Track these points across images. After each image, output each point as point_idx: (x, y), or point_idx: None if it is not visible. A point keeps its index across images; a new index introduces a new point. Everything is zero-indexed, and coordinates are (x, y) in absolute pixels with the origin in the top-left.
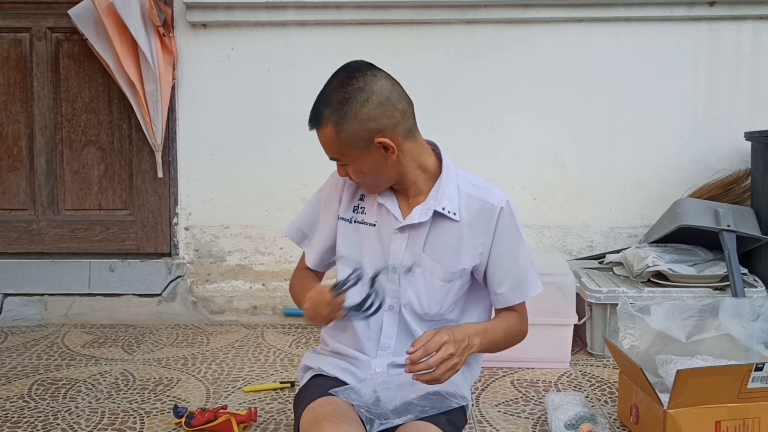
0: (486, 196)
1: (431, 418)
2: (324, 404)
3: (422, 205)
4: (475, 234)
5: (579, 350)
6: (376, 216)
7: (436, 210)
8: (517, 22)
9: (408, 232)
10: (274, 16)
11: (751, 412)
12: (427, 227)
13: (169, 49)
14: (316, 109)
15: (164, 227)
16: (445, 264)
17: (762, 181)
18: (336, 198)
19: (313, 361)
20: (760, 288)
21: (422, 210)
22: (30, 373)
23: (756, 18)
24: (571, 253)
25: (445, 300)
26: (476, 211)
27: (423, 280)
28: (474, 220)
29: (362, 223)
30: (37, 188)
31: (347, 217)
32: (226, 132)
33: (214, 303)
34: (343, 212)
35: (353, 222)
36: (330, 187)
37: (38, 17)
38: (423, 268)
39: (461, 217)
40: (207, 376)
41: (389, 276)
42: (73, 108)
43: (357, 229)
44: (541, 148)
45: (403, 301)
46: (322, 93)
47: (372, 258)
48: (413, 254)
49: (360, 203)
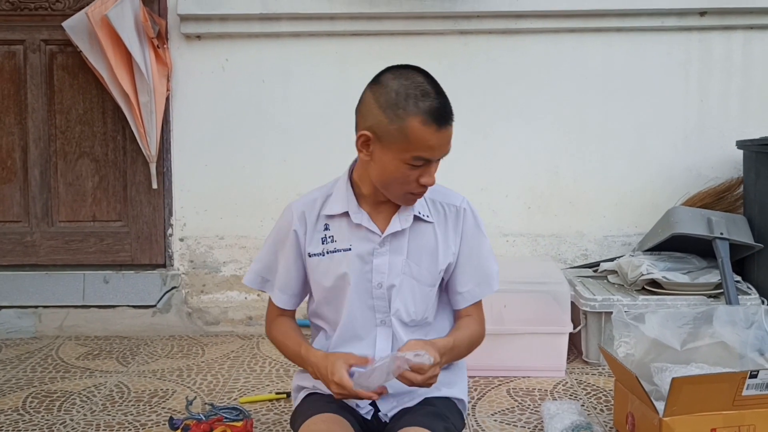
0: (447, 199)
1: (429, 423)
2: (319, 422)
3: (399, 213)
4: (446, 235)
5: (574, 358)
6: (349, 239)
7: (414, 215)
8: (510, 33)
9: (388, 245)
10: (268, 27)
11: (747, 420)
12: (406, 235)
13: (163, 61)
14: (447, 106)
15: (159, 238)
16: (428, 268)
17: (754, 189)
18: (292, 238)
19: (306, 380)
20: (754, 295)
21: (401, 218)
22: (24, 385)
23: (746, 28)
24: (566, 261)
25: (428, 303)
26: (442, 214)
27: (409, 288)
28: (442, 221)
29: (335, 251)
30: (31, 200)
31: (317, 252)
32: (220, 143)
33: (209, 314)
34: (312, 248)
35: (326, 254)
36: (282, 229)
37: (32, 29)
38: (409, 275)
39: (434, 219)
40: (202, 387)
41: (375, 293)
42: (67, 120)
43: (332, 258)
44: (534, 157)
45: (392, 311)
46: (440, 90)
47: (354, 282)
48: (397, 265)
49: (326, 233)
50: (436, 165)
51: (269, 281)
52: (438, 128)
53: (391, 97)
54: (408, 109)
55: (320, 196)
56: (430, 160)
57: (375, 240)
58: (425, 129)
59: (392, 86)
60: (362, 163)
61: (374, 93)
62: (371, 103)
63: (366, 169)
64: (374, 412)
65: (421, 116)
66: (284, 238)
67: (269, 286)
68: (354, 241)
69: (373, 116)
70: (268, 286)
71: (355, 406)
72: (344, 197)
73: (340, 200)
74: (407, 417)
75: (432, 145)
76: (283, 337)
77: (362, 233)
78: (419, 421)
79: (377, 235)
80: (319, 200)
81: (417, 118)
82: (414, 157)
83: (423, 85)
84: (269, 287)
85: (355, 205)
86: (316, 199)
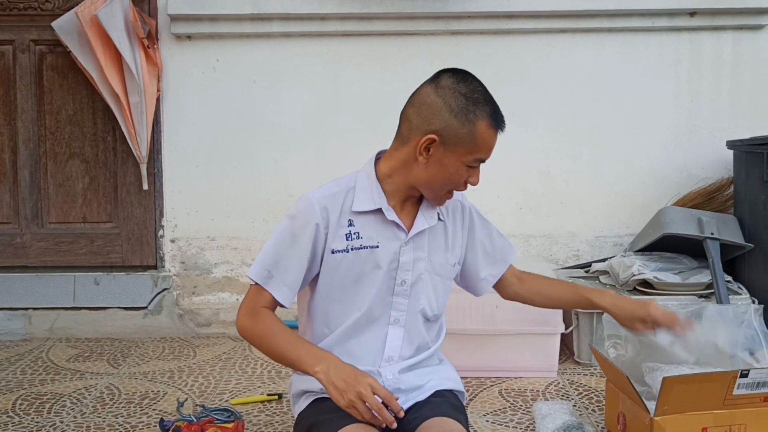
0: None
1: (454, 414)
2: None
3: (424, 212)
4: (455, 230)
5: (566, 359)
6: (377, 237)
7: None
8: (501, 33)
9: (412, 242)
10: (259, 27)
11: (737, 419)
12: (427, 233)
13: (153, 61)
14: (498, 106)
15: (150, 240)
16: (445, 262)
17: (744, 189)
18: (311, 231)
19: (310, 384)
20: (744, 295)
21: (426, 216)
22: (14, 387)
23: (736, 28)
24: (558, 262)
25: (445, 298)
26: (450, 210)
27: (432, 284)
28: (450, 218)
29: (362, 248)
30: (20, 201)
31: (341, 248)
32: (211, 143)
33: (200, 315)
34: (336, 245)
35: (350, 250)
36: (300, 221)
37: (21, 30)
38: (431, 272)
39: (443, 216)
40: (194, 389)
41: (397, 290)
42: (57, 120)
43: (357, 255)
44: (526, 157)
45: (417, 308)
46: (486, 93)
47: (379, 279)
48: (420, 261)
49: (351, 229)
50: None
51: (274, 278)
52: (498, 131)
53: (461, 102)
54: (477, 113)
55: (340, 190)
56: (480, 162)
57: (402, 238)
58: (491, 132)
59: (460, 90)
60: (404, 163)
61: (441, 96)
62: (439, 107)
63: (410, 168)
64: None
65: (488, 120)
66: (301, 230)
67: (273, 283)
68: (381, 238)
69: (443, 119)
70: (272, 283)
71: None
72: (374, 193)
73: (369, 196)
74: (428, 408)
75: (491, 147)
76: (273, 332)
77: (390, 231)
78: (445, 412)
79: (404, 233)
80: (340, 195)
81: (485, 122)
82: (476, 159)
83: (483, 90)
84: (273, 284)
85: (386, 202)
86: (337, 194)
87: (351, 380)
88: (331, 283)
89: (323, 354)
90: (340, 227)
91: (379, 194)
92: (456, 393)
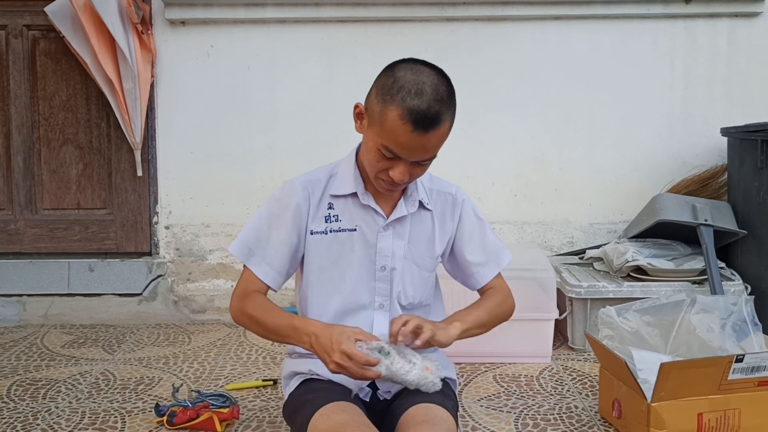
0: (443, 187)
1: (439, 400)
2: (339, 412)
3: (404, 199)
4: (443, 222)
5: (560, 345)
6: (355, 220)
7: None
8: (497, 20)
9: (392, 229)
10: (254, 13)
11: (732, 404)
12: (409, 220)
13: (147, 47)
14: (432, 109)
15: (144, 226)
16: (427, 253)
17: (738, 176)
18: (293, 211)
19: (300, 365)
20: (737, 281)
21: (407, 203)
22: (9, 373)
23: (731, 15)
24: (552, 249)
25: (426, 288)
26: (440, 202)
27: (409, 273)
28: (440, 209)
29: (340, 231)
30: (14, 187)
31: (320, 230)
32: (206, 130)
33: (195, 302)
34: (315, 226)
35: (329, 232)
36: (283, 202)
37: (14, 14)
38: (410, 260)
39: (432, 207)
40: (189, 374)
41: (378, 275)
42: (50, 106)
43: (335, 237)
44: (520, 144)
45: (394, 294)
46: (441, 99)
47: (357, 263)
48: (400, 249)
49: (330, 212)
50: (416, 167)
51: (255, 255)
52: (413, 130)
53: (389, 82)
54: (395, 98)
55: (323, 176)
56: (400, 158)
57: (380, 223)
58: (400, 124)
59: (397, 74)
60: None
61: (382, 73)
62: (375, 82)
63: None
64: (371, 394)
65: (401, 110)
66: (283, 211)
67: (254, 260)
68: (360, 222)
69: (371, 94)
70: (253, 260)
71: (357, 390)
72: (352, 178)
73: (348, 181)
74: (415, 394)
75: (402, 143)
76: (264, 310)
77: (369, 215)
78: (432, 398)
79: (383, 218)
80: (323, 179)
81: (397, 111)
82: (384, 146)
83: (424, 86)
84: (254, 261)
85: (363, 187)
86: (320, 179)
87: (329, 350)
88: (312, 265)
89: (310, 326)
90: (320, 210)
91: (357, 179)
92: (447, 380)
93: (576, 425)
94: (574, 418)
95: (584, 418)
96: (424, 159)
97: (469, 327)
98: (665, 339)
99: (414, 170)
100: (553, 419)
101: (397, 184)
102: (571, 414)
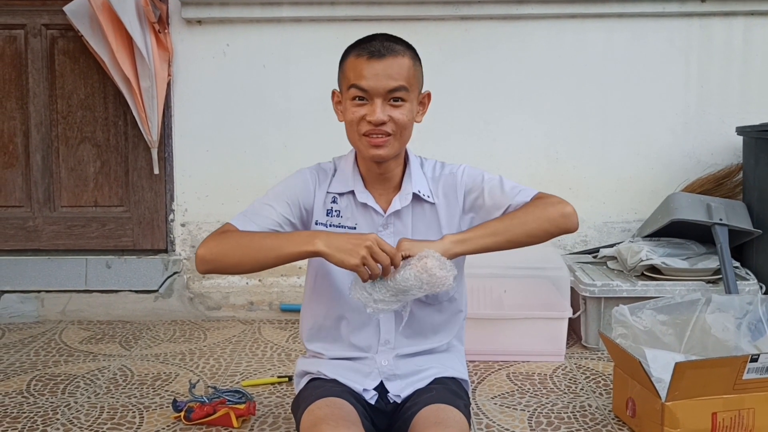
0: (446, 170)
1: (451, 401)
2: (323, 407)
3: (399, 194)
4: (451, 208)
5: (574, 343)
6: (355, 218)
7: (414, 193)
8: (511, 18)
9: (392, 226)
10: (269, 12)
11: (746, 403)
12: (409, 215)
13: (164, 46)
14: (383, 41)
15: (160, 223)
16: None
17: (753, 176)
18: (302, 189)
19: (310, 365)
20: (752, 281)
21: (401, 197)
22: (28, 369)
23: (747, 14)
24: (566, 247)
25: None
26: (444, 188)
27: None
28: (445, 198)
29: (340, 227)
30: (33, 185)
31: (322, 221)
32: (221, 128)
33: (210, 299)
34: (319, 216)
35: (330, 226)
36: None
37: (33, 14)
38: None
39: (437, 199)
40: (205, 371)
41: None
42: (68, 105)
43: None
44: (534, 143)
45: None
46: (388, 37)
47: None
48: None
49: (333, 206)
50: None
51: (244, 216)
52: (369, 58)
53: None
54: (349, 51)
55: (329, 169)
56: (367, 91)
57: (378, 221)
58: (357, 60)
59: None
60: None
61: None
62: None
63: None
64: (378, 397)
65: (355, 51)
66: (291, 188)
67: (240, 218)
68: (360, 220)
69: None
70: (239, 218)
71: (361, 391)
72: (350, 176)
73: (346, 179)
74: (426, 396)
75: (364, 74)
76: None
77: (368, 214)
78: (443, 398)
79: (381, 215)
80: (329, 173)
81: (352, 54)
82: (354, 87)
83: (370, 36)
84: (239, 218)
85: (361, 185)
86: (327, 171)
87: (356, 239)
88: (315, 261)
89: (314, 231)
90: (326, 201)
91: (356, 176)
92: (459, 380)
93: (590, 424)
94: (587, 416)
95: (598, 416)
96: (392, 88)
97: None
98: (680, 338)
99: (392, 112)
100: (567, 418)
101: (380, 130)
102: (585, 413)
